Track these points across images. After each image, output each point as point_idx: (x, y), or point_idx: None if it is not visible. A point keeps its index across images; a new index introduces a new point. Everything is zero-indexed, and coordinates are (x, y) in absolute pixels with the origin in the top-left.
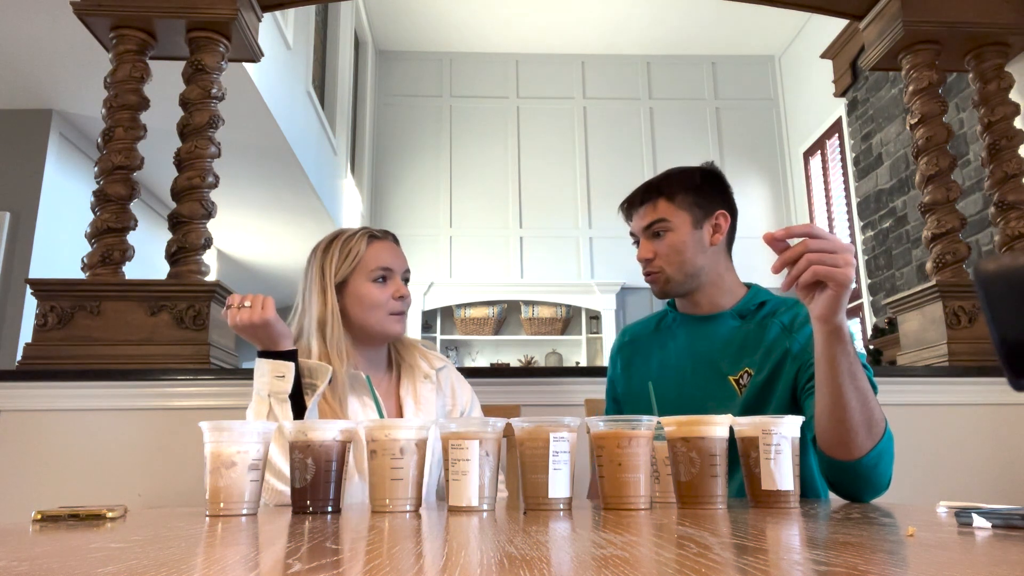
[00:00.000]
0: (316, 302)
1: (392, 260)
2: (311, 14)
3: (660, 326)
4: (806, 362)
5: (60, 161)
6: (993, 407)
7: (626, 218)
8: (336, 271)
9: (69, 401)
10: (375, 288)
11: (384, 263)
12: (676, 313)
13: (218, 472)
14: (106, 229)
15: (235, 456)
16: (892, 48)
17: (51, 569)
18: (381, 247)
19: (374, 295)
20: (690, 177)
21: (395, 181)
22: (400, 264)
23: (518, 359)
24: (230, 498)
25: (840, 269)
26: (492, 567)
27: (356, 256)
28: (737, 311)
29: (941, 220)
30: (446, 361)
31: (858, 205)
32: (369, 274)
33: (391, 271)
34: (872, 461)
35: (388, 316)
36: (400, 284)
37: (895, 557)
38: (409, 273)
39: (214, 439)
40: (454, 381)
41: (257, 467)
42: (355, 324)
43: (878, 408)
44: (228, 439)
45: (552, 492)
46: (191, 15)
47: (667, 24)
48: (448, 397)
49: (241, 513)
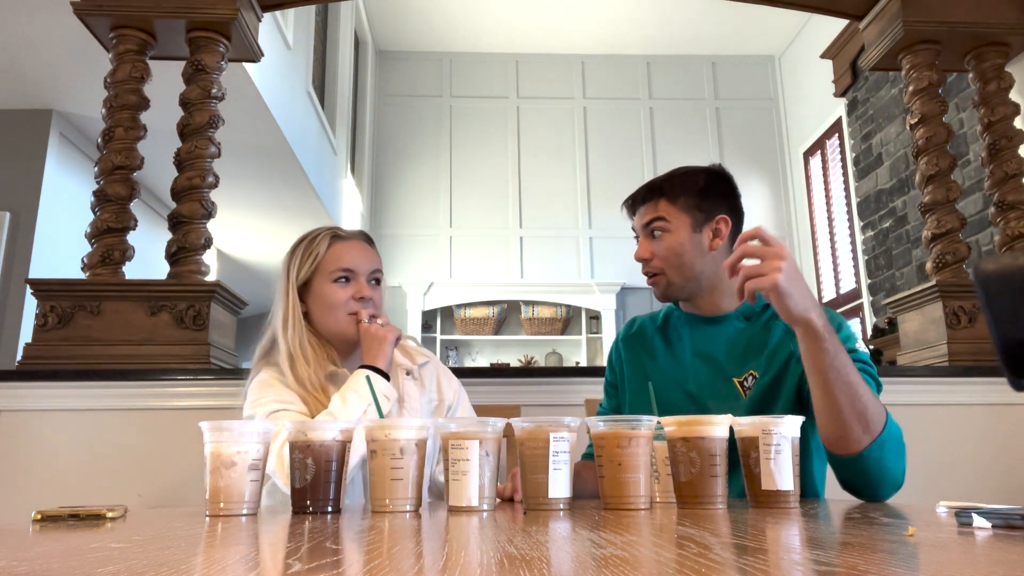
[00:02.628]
0: (280, 302)
1: (355, 260)
2: (311, 14)
3: (667, 323)
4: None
5: (60, 161)
6: (993, 407)
7: (629, 214)
8: (298, 272)
9: (69, 401)
10: (336, 288)
11: (344, 263)
12: (681, 312)
13: (218, 472)
14: (106, 229)
15: (235, 456)
16: (892, 48)
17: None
18: (344, 247)
19: (334, 295)
20: (694, 179)
21: (395, 181)
22: (365, 265)
23: (518, 359)
24: (230, 498)
25: (765, 277)
26: (492, 567)
27: (317, 257)
28: (742, 313)
29: (941, 220)
30: (430, 356)
31: (858, 205)
32: (329, 275)
33: (353, 272)
34: (873, 454)
35: (348, 316)
36: (363, 284)
37: (895, 557)
38: (379, 274)
39: (214, 439)
40: (439, 376)
41: (257, 467)
42: (319, 325)
43: (874, 403)
44: (228, 439)
45: (552, 492)
46: (191, 15)
47: (667, 24)
48: (433, 392)
49: (241, 513)
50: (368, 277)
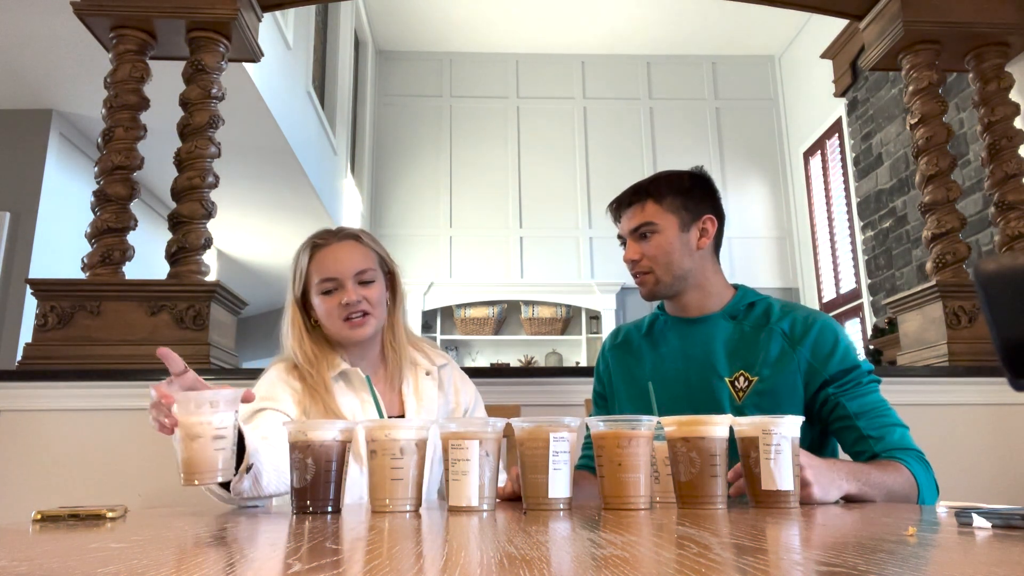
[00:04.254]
0: (287, 311)
1: (334, 268)
2: (311, 14)
3: (652, 329)
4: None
5: (60, 161)
6: (993, 407)
7: (614, 219)
8: (294, 287)
9: (69, 401)
10: (324, 300)
11: (325, 274)
12: (667, 316)
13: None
14: (106, 229)
15: (198, 427)
16: (892, 48)
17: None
18: (324, 256)
19: (323, 307)
20: (679, 180)
21: (395, 181)
22: (347, 269)
23: (518, 359)
24: (200, 468)
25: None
26: (492, 567)
27: (302, 272)
28: (728, 312)
29: (941, 220)
30: (448, 359)
31: (858, 205)
32: (317, 288)
33: (335, 279)
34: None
35: (342, 323)
36: (348, 290)
37: (895, 557)
38: (365, 273)
39: (181, 410)
40: (457, 380)
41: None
42: (325, 331)
43: (904, 483)
44: (193, 410)
45: (552, 492)
46: (191, 15)
47: (667, 24)
48: (451, 395)
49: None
50: (353, 280)
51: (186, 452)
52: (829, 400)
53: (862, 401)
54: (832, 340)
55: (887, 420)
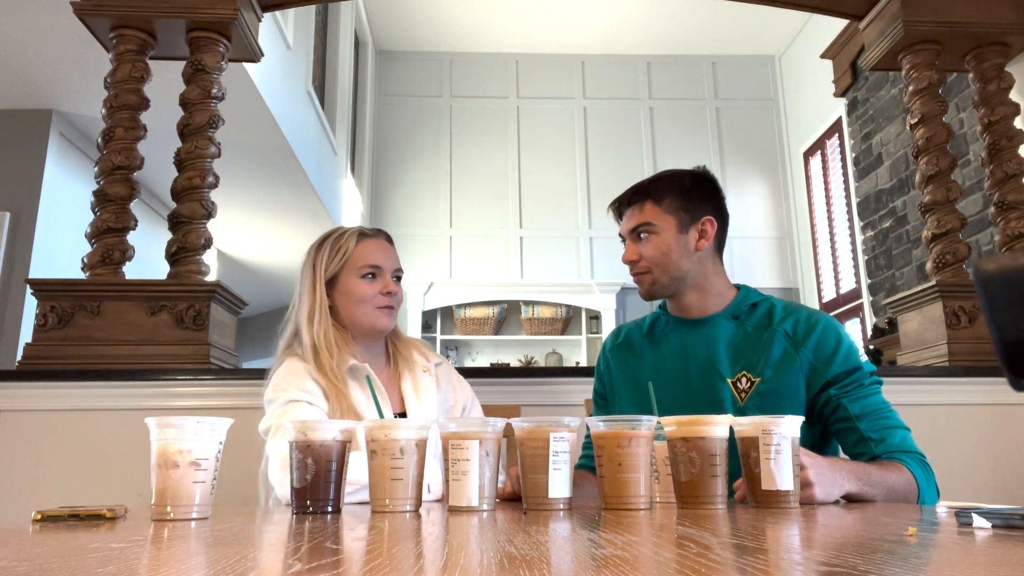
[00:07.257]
0: (307, 296)
1: (381, 258)
2: (311, 14)
3: (653, 329)
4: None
5: (60, 161)
6: (993, 407)
7: (616, 217)
8: (326, 267)
9: (69, 401)
10: (363, 284)
11: (372, 260)
12: (668, 316)
13: (161, 471)
14: (106, 229)
15: (177, 456)
16: (892, 48)
17: (51, 569)
18: (371, 245)
19: (362, 290)
20: (679, 181)
21: (395, 181)
22: (390, 262)
23: (518, 359)
24: (177, 501)
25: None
26: (492, 567)
27: (345, 253)
28: (730, 312)
29: (941, 220)
30: (443, 359)
31: (858, 205)
32: (358, 270)
33: (380, 268)
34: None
35: (376, 310)
36: (388, 281)
37: (895, 557)
38: (400, 272)
39: (160, 436)
40: (453, 379)
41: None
42: (345, 318)
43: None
44: (174, 436)
45: (552, 492)
46: (191, 15)
47: (667, 24)
48: (448, 392)
49: (190, 517)
50: (392, 274)
51: (165, 482)
52: (830, 401)
53: (864, 403)
54: (835, 341)
55: (888, 422)
